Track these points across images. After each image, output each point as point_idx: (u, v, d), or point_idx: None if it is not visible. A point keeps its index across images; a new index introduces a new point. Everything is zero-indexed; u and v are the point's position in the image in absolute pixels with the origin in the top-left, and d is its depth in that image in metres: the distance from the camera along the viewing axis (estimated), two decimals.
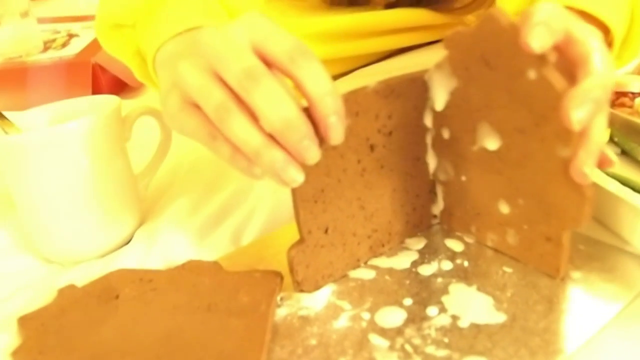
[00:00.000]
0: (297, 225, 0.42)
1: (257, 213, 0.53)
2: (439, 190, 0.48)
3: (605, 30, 0.48)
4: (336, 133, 0.36)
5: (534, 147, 0.39)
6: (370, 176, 0.44)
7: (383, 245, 0.47)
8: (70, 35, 1.05)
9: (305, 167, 0.36)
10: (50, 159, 0.47)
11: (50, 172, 0.47)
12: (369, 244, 0.46)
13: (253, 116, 0.36)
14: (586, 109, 0.34)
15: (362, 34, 0.71)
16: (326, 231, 0.43)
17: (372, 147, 0.43)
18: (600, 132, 0.37)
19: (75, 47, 0.99)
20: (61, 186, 0.48)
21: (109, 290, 0.43)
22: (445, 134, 0.45)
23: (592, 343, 0.36)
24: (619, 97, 0.63)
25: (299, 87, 0.36)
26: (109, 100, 0.53)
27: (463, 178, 0.46)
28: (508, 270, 0.43)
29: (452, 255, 0.45)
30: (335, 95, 0.36)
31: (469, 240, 0.47)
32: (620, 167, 0.52)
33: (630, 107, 0.61)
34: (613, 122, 0.57)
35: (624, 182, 0.46)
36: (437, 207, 0.49)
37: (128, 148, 0.53)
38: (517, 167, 0.41)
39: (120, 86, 0.97)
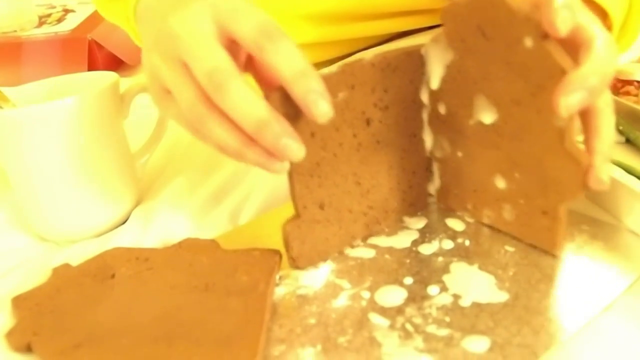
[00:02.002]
0: (293, 200, 0.41)
1: (255, 192, 0.52)
2: (435, 168, 0.48)
3: (603, 15, 0.48)
4: (319, 112, 0.35)
5: (531, 118, 0.39)
6: (366, 151, 0.44)
7: (379, 223, 0.46)
8: (66, 11, 1.03)
9: (302, 141, 0.36)
10: (46, 135, 0.46)
11: (46, 149, 0.47)
12: (365, 221, 0.45)
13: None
14: (578, 97, 0.34)
15: (360, 16, 0.70)
16: (322, 207, 0.42)
17: (368, 122, 0.43)
18: (610, 132, 0.37)
19: (71, 23, 0.98)
20: (57, 163, 0.47)
21: (104, 270, 0.43)
22: (442, 109, 0.45)
23: (595, 322, 0.36)
24: (624, 86, 0.62)
25: (270, 70, 0.36)
26: (106, 77, 0.52)
27: (459, 154, 0.45)
28: (510, 249, 0.42)
29: (453, 234, 0.45)
30: (309, 74, 0.35)
31: (469, 219, 0.46)
32: (625, 156, 0.51)
33: (636, 95, 0.61)
34: (618, 110, 0.57)
35: (629, 170, 0.46)
36: (434, 185, 0.49)
37: (125, 126, 0.53)
38: (513, 139, 0.41)
39: (116, 63, 0.96)
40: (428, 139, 0.47)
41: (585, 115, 0.37)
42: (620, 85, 0.63)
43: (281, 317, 0.38)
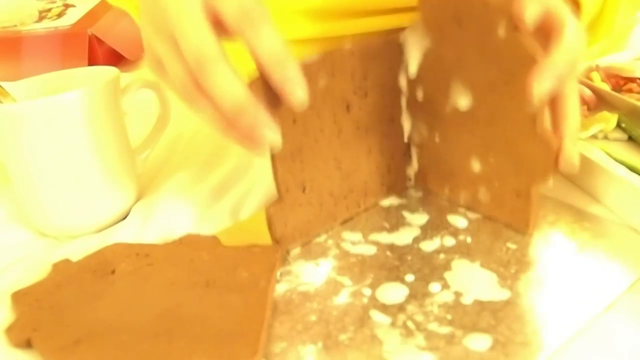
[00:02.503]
0: (275, 183, 0.42)
1: (256, 187, 0.52)
2: (414, 152, 0.49)
3: (576, 5, 0.49)
4: (295, 100, 0.36)
5: (504, 104, 0.41)
6: (346, 136, 0.45)
7: (359, 206, 0.47)
8: (67, 5, 1.03)
9: (283, 126, 0.37)
10: (46, 129, 0.46)
11: (46, 144, 0.46)
12: (346, 204, 0.46)
13: None
14: (548, 84, 0.36)
15: (359, 12, 0.69)
16: (304, 190, 0.43)
17: (348, 108, 0.44)
18: (577, 116, 0.39)
19: (71, 18, 0.97)
20: (57, 158, 0.47)
21: (104, 265, 0.42)
22: (420, 95, 0.46)
23: (597, 321, 0.36)
24: (627, 83, 0.62)
25: (250, 52, 0.36)
26: (107, 71, 0.52)
27: (437, 138, 0.47)
28: (512, 246, 0.42)
29: (455, 231, 0.44)
30: (287, 62, 0.36)
31: (472, 216, 0.46)
32: (628, 154, 0.51)
33: (638, 93, 0.61)
34: (620, 108, 0.57)
35: (631, 168, 0.46)
36: (412, 169, 0.50)
37: (126, 121, 0.52)
38: (488, 124, 0.42)
39: (117, 58, 0.96)
40: (406, 124, 0.48)
41: (553, 102, 0.39)
42: (622, 83, 0.63)
43: (282, 313, 0.38)
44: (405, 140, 0.49)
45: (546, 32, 0.38)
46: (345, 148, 0.45)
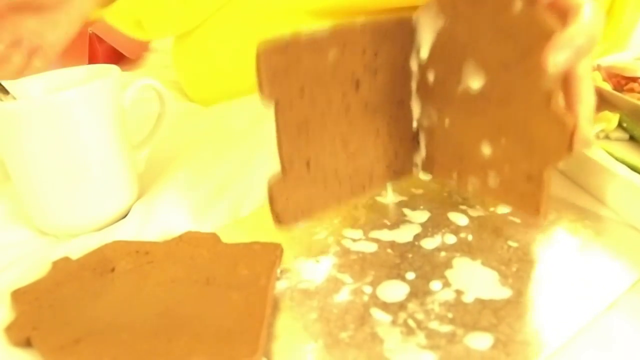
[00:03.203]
0: (279, 156, 0.41)
1: (256, 185, 0.52)
2: (422, 137, 0.49)
3: None
4: None
5: (518, 82, 0.40)
6: (354, 115, 0.44)
7: (364, 189, 0.47)
8: None
9: (290, 96, 0.38)
10: (46, 127, 0.46)
11: (46, 142, 0.46)
12: (350, 185, 0.46)
13: None
14: (565, 55, 0.35)
15: (367, 11, 0.69)
16: (308, 165, 0.43)
17: (357, 84, 0.44)
18: (591, 97, 0.39)
19: None
20: (57, 156, 0.47)
21: (104, 263, 0.42)
22: (431, 77, 0.46)
23: (599, 320, 0.36)
24: (628, 83, 0.62)
25: None
26: (107, 70, 0.52)
27: (446, 122, 0.46)
28: (513, 244, 0.42)
29: (456, 229, 0.44)
30: None
31: (473, 214, 0.46)
32: (629, 153, 0.51)
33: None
34: (622, 107, 0.57)
35: (633, 168, 0.46)
36: (419, 156, 0.49)
37: (126, 120, 0.52)
38: (500, 104, 0.41)
39: (117, 57, 0.96)
40: (416, 108, 0.48)
41: (567, 83, 0.38)
42: (624, 82, 0.63)
43: (282, 311, 0.38)
44: (414, 124, 0.48)
45: (562, 11, 0.37)
46: (353, 127, 0.44)
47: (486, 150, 0.43)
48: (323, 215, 0.45)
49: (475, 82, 0.42)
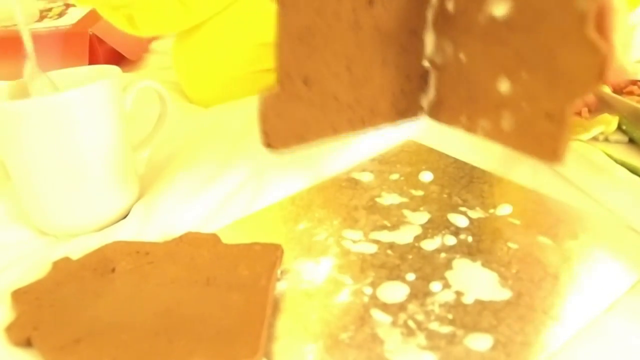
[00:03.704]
0: (276, 67, 0.39)
1: (256, 185, 0.52)
2: (432, 77, 0.46)
3: None
4: None
5: (549, 4, 0.36)
6: (363, 36, 0.42)
7: (363, 123, 0.44)
8: (67, 5, 1.03)
9: None
10: (47, 128, 0.46)
11: (46, 142, 0.46)
12: (349, 115, 0.43)
13: None
14: None
15: None
16: (306, 82, 0.40)
17: (370, 1, 0.41)
18: (627, 29, 0.36)
19: (72, 17, 0.97)
20: (57, 156, 0.47)
21: (104, 263, 0.42)
22: (450, 5, 0.43)
23: (598, 322, 0.36)
24: (628, 85, 0.62)
25: None
26: (108, 70, 0.52)
27: (462, 57, 0.43)
28: (513, 246, 0.42)
29: (456, 230, 0.44)
30: None
31: (473, 215, 0.46)
32: (629, 155, 0.51)
33: (639, 95, 0.61)
34: (621, 110, 0.57)
35: (633, 170, 0.46)
36: (427, 98, 0.47)
37: (126, 120, 0.52)
38: (527, 32, 0.38)
39: (117, 58, 0.96)
40: (429, 42, 0.45)
41: (601, 14, 0.36)
42: (623, 85, 0.63)
43: (283, 312, 0.38)
44: (425, 62, 0.46)
45: None
46: (360, 49, 0.42)
47: (503, 87, 0.40)
48: (316, 143, 0.42)
49: (500, 8, 0.39)
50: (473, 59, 0.43)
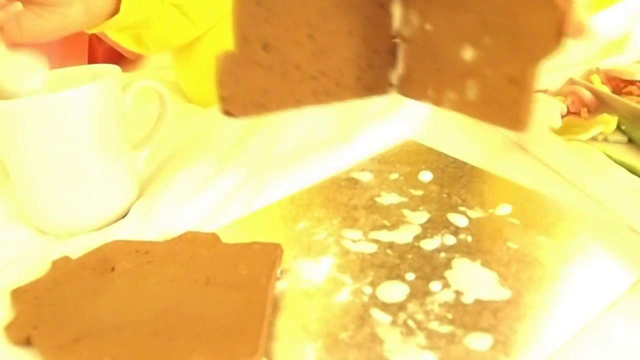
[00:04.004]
0: (233, 29, 0.38)
1: (256, 185, 0.52)
2: (401, 51, 0.45)
3: None
4: None
5: None
6: (326, 4, 0.41)
7: (329, 96, 0.43)
8: None
9: None
10: (46, 127, 0.46)
11: (46, 141, 0.46)
12: (313, 86, 0.42)
13: None
14: None
15: None
16: (265, 48, 0.39)
17: None
18: None
19: None
20: (56, 155, 0.47)
21: (104, 262, 0.42)
22: None
23: (597, 321, 0.36)
24: (627, 86, 0.62)
25: None
26: (108, 70, 0.52)
27: (428, 27, 0.43)
28: (513, 246, 0.42)
29: (456, 230, 0.44)
30: None
31: (472, 215, 0.46)
32: (628, 155, 0.51)
33: (638, 95, 0.61)
34: (620, 110, 0.57)
35: (632, 170, 0.46)
36: (395, 74, 0.46)
37: (126, 119, 0.52)
38: None
39: (117, 58, 0.96)
40: (397, 14, 0.44)
41: None
42: (622, 85, 0.63)
43: (282, 311, 0.38)
44: (393, 37, 0.45)
45: None
46: (323, 18, 0.41)
47: (468, 54, 0.40)
48: (277, 112, 0.41)
49: None
50: (439, 28, 0.42)
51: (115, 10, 0.56)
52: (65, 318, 0.38)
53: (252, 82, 0.39)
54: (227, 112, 0.39)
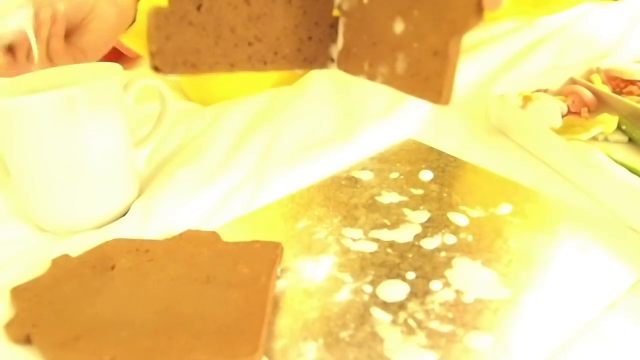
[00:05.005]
0: None
1: (256, 184, 0.52)
2: (341, 25, 0.45)
3: None
4: None
5: None
6: None
7: (265, 64, 0.43)
8: None
9: None
10: (47, 125, 0.46)
11: (47, 139, 0.46)
12: (249, 53, 0.42)
13: None
14: None
15: None
16: (199, 8, 0.39)
17: None
18: None
19: None
20: (57, 154, 0.47)
21: (104, 261, 0.42)
22: None
23: (598, 321, 0.36)
24: (628, 86, 0.62)
25: None
26: (109, 68, 0.52)
27: (365, 1, 0.42)
28: (513, 245, 0.42)
29: (456, 230, 0.44)
30: None
31: (473, 214, 0.46)
32: (629, 156, 0.51)
33: (639, 95, 0.61)
34: (621, 110, 0.57)
35: (632, 170, 0.46)
36: (336, 49, 0.46)
37: (127, 118, 0.52)
38: None
39: (117, 56, 0.96)
40: None
41: None
42: (623, 86, 0.63)
43: (283, 310, 0.38)
44: (334, 10, 0.44)
45: None
46: None
47: (399, 27, 0.40)
48: (209, 73, 0.41)
49: None
50: (375, 2, 0.42)
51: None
52: (65, 316, 0.38)
53: (184, 41, 0.39)
54: (156, 69, 0.39)
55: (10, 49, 0.53)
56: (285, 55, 0.43)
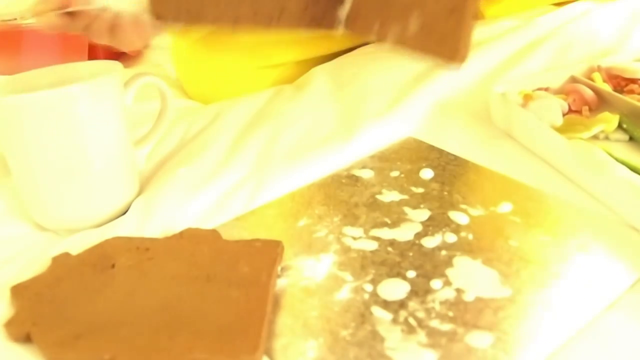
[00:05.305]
0: None
1: (256, 182, 0.52)
2: None
3: None
4: None
5: None
6: None
7: (270, 20, 0.43)
8: None
9: None
10: (47, 122, 0.46)
11: (47, 137, 0.46)
12: (255, 7, 0.42)
13: None
14: None
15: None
16: None
17: None
18: None
19: None
20: (57, 152, 0.47)
21: (104, 259, 0.42)
22: None
23: (598, 320, 0.36)
24: (628, 84, 0.62)
25: None
26: (109, 66, 0.52)
27: None
28: (514, 244, 0.42)
29: (457, 228, 0.44)
30: None
31: (474, 213, 0.46)
32: (629, 154, 0.51)
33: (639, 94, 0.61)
34: (622, 108, 0.57)
35: (633, 169, 0.46)
36: (344, 10, 0.46)
37: (127, 116, 0.52)
38: None
39: (117, 54, 0.95)
40: None
41: None
42: (624, 84, 0.63)
43: (283, 309, 0.38)
44: None
45: None
46: None
47: None
48: (212, 25, 0.41)
49: None
50: None
51: None
52: (65, 315, 0.38)
53: None
54: (158, 16, 0.39)
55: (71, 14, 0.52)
56: (292, 13, 0.43)
